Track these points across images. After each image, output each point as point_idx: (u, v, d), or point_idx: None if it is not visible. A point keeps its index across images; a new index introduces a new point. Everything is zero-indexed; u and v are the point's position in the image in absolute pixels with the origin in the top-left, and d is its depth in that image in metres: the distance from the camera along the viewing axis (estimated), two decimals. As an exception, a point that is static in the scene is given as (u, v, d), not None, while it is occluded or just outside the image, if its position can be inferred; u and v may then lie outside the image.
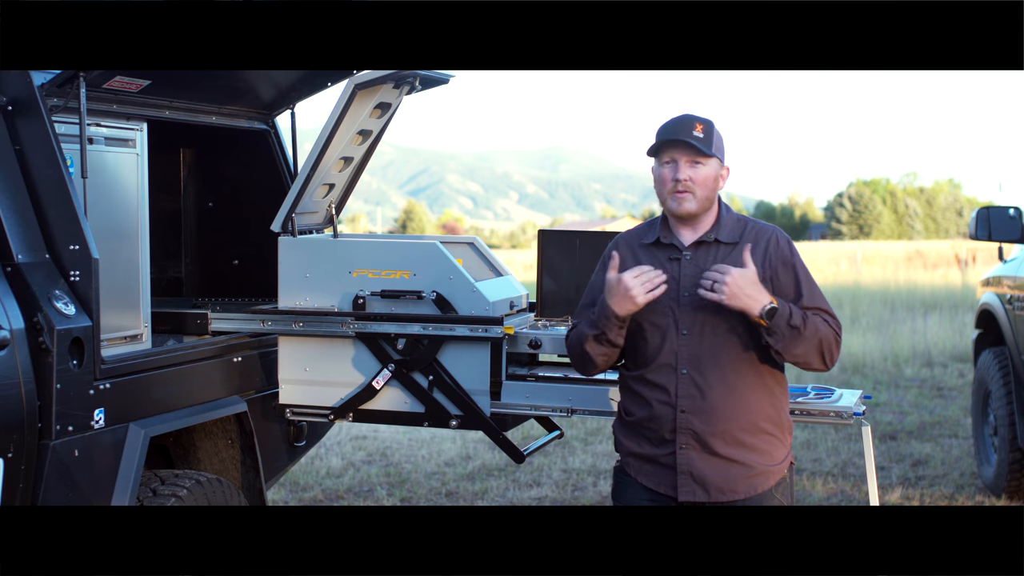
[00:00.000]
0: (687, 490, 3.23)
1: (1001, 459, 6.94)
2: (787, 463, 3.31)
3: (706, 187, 3.23)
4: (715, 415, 3.20)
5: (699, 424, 3.20)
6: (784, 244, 3.30)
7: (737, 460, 3.22)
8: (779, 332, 3.14)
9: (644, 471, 3.30)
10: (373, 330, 4.14)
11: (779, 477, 3.28)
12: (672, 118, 3.30)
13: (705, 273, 3.15)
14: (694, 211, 3.24)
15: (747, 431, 3.22)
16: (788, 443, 3.33)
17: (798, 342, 3.16)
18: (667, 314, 3.23)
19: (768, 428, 3.26)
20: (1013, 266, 6.93)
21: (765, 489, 3.25)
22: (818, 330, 3.19)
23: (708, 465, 3.21)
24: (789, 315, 3.15)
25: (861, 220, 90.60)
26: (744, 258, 3.15)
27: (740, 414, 3.21)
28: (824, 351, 3.21)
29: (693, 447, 3.21)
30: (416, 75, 4.23)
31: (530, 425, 4.89)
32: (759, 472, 3.24)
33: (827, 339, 3.20)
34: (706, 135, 3.21)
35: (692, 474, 3.22)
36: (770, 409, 3.27)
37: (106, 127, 4.00)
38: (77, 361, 3.45)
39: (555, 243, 4.36)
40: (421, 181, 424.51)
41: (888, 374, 12.23)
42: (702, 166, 3.22)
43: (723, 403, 3.20)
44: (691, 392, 3.20)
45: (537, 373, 4.22)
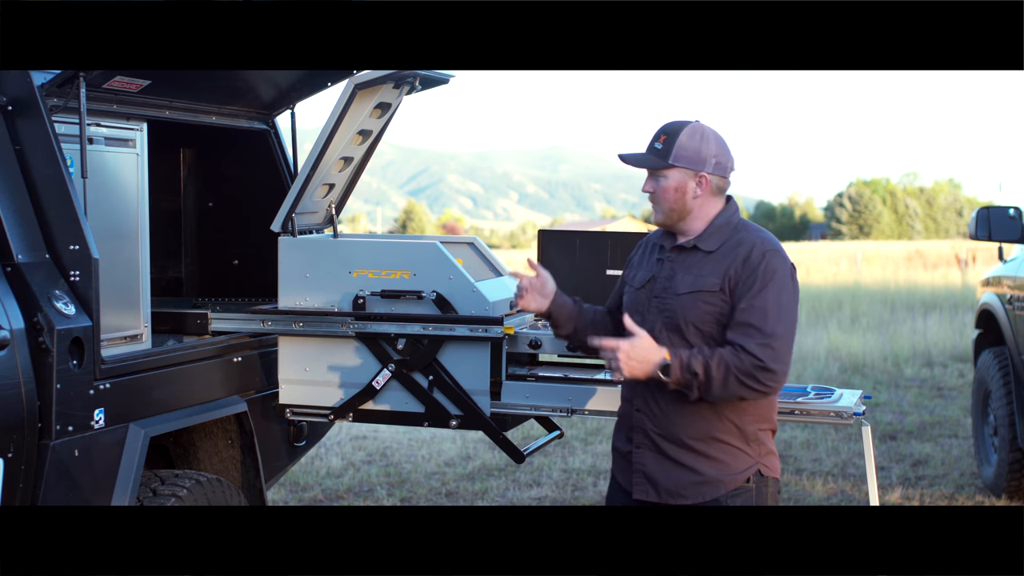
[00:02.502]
0: (640, 489, 3.25)
1: (1001, 459, 6.94)
2: (751, 473, 3.18)
3: (667, 199, 3.21)
4: (665, 420, 3.19)
5: (650, 425, 3.22)
6: (760, 256, 3.13)
7: (687, 465, 3.17)
8: (683, 383, 3.05)
9: (618, 466, 3.37)
10: (373, 330, 4.15)
11: (736, 487, 3.16)
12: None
13: (601, 353, 3.14)
14: (662, 221, 3.27)
15: (697, 439, 3.16)
16: (757, 453, 3.20)
17: (710, 389, 3.04)
18: (641, 312, 3.26)
19: (724, 439, 3.16)
20: (1013, 266, 6.93)
21: (716, 496, 3.15)
22: (728, 370, 3.01)
23: (659, 467, 3.21)
24: (687, 365, 3.03)
25: (861, 220, 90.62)
26: (626, 323, 3.11)
27: (691, 423, 3.16)
28: (746, 386, 3.03)
29: (647, 447, 3.23)
30: (416, 75, 4.23)
31: (530, 425, 4.89)
32: (709, 480, 3.16)
33: (744, 374, 3.02)
34: (665, 146, 3.19)
35: (644, 473, 3.24)
36: (729, 422, 3.15)
37: (106, 127, 4.00)
38: (77, 361, 3.45)
39: (555, 243, 4.36)
40: (421, 181, 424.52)
41: (888, 374, 12.23)
42: (662, 178, 3.22)
43: (673, 408, 3.17)
44: (645, 394, 3.22)
45: (537, 373, 4.22)
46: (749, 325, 3.07)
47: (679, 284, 3.20)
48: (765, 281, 3.10)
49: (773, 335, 3.05)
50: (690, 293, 3.17)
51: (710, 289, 3.15)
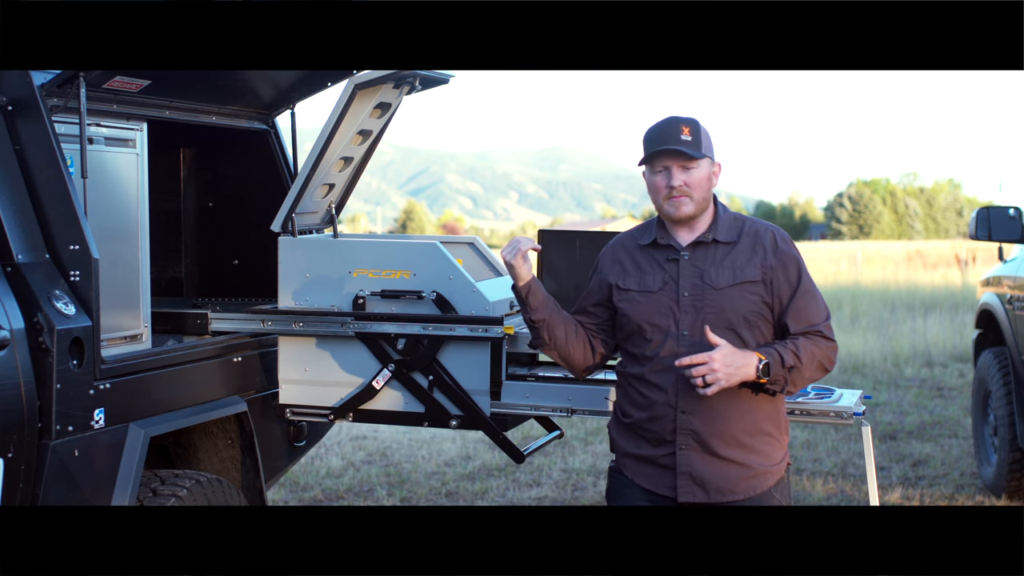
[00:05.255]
0: (687, 491, 3.22)
1: (1001, 459, 6.94)
2: (784, 463, 3.31)
3: (701, 189, 3.23)
4: (716, 416, 3.20)
5: (700, 425, 3.20)
6: (783, 243, 3.28)
7: (737, 461, 3.21)
8: (779, 380, 3.15)
9: (642, 472, 3.30)
10: (373, 330, 4.15)
11: (778, 477, 3.27)
12: (656, 124, 3.28)
13: (687, 372, 3.09)
14: (692, 214, 3.24)
15: (747, 432, 3.22)
16: (785, 444, 3.33)
17: (799, 379, 3.18)
18: (667, 315, 3.23)
19: (768, 429, 3.26)
20: (1013, 266, 6.93)
21: (764, 490, 3.24)
22: (813, 356, 3.19)
23: (708, 466, 3.21)
24: (781, 361, 3.14)
25: (861, 220, 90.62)
26: (708, 336, 3.11)
27: (741, 415, 3.21)
28: (824, 368, 3.23)
29: (693, 448, 3.21)
30: (416, 75, 4.22)
31: (530, 425, 4.89)
32: (758, 473, 3.24)
33: (824, 358, 3.22)
34: (694, 137, 3.20)
35: (692, 475, 3.22)
36: (770, 410, 3.26)
37: (106, 127, 4.00)
38: (77, 361, 3.45)
39: (555, 243, 4.36)
40: (421, 181, 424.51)
41: (888, 374, 12.23)
42: (695, 169, 3.21)
43: (724, 404, 3.19)
44: (692, 393, 3.18)
45: (537, 373, 4.22)
46: (808, 311, 3.23)
47: (716, 279, 3.21)
48: (799, 266, 3.26)
49: (827, 315, 3.26)
50: (734, 286, 3.20)
51: (752, 279, 3.21)
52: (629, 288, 3.30)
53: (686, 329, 3.21)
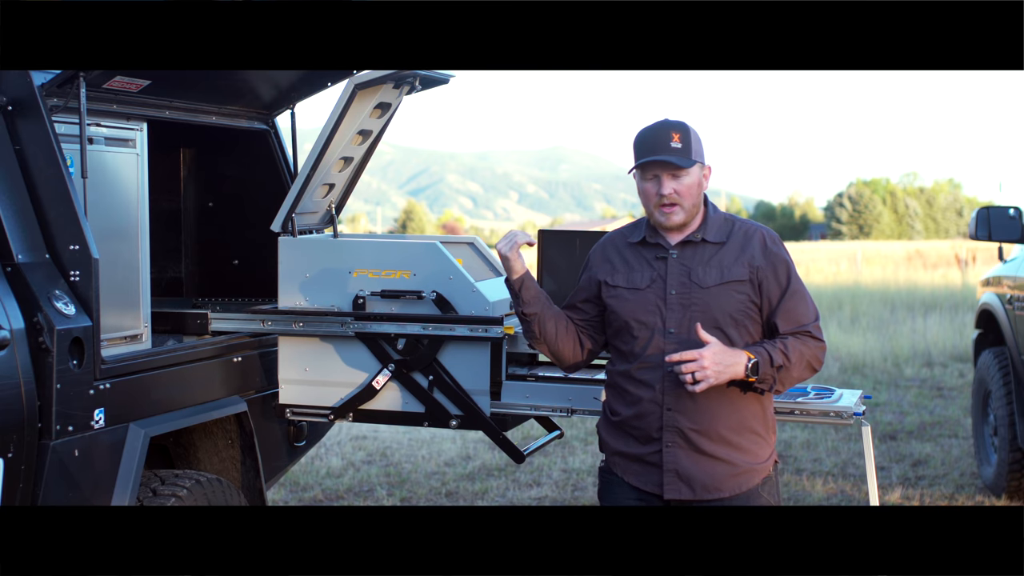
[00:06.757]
0: (672, 488, 3.23)
1: (1001, 459, 6.94)
2: (772, 461, 3.31)
3: (691, 196, 3.23)
4: (702, 413, 3.20)
5: (686, 422, 3.21)
6: (772, 244, 3.28)
7: (723, 458, 3.22)
8: (768, 379, 3.17)
9: (631, 470, 3.31)
10: (373, 330, 4.15)
11: (765, 475, 3.28)
12: (646, 129, 3.27)
13: (676, 368, 3.10)
14: (682, 221, 3.25)
15: (734, 430, 3.22)
16: (772, 442, 3.34)
17: (787, 378, 3.19)
18: (654, 312, 3.24)
19: (755, 427, 3.26)
20: (1013, 266, 6.93)
21: (751, 487, 3.24)
22: (802, 356, 3.20)
23: (694, 463, 3.21)
24: (770, 360, 3.15)
25: (861, 220, 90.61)
26: (699, 334, 3.12)
27: (728, 413, 3.22)
28: (812, 368, 3.24)
29: (680, 445, 3.22)
30: (416, 75, 4.22)
31: (530, 425, 4.89)
32: (744, 471, 3.24)
33: (812, 358, 3.23)
34: (684, 144, 3.20)
35: (678, 472, 3.22)
36: (757, 408, 3.27)
37: (106, 127, 4.00)
38: (77, 361, 3.45)
39: (555, 243, 4.36)
40: (421, 181, 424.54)
41: (888, 374, 12.23)
42: (685, 176, 3.21)
43: (711, 402, 3.20)
44: (678, 390, 3.19)
45: (537, 373, 4.22)
46: (797, 311, 3.24)
47: (703, 277, 3.22)
48: (788, 267, 3.27)
49: (816, 315, 3.27)
50: (720, 285, 3.21)
51: (740, 279, 3.21)
52: (617, 285, 3.32)
53: (673, 327, 3.22)
